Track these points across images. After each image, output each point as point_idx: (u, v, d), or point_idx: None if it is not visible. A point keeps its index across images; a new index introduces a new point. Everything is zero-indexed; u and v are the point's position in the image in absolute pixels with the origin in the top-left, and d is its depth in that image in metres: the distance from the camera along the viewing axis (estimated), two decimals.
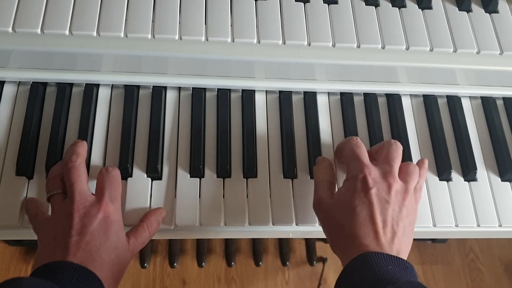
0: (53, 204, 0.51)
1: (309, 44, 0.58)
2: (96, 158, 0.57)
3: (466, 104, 0.67)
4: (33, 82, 0.60)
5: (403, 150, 0.59)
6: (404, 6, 0.63)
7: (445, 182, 0.61)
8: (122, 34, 0.55)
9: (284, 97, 0.63)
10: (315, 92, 0.64)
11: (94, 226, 0.47)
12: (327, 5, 0.61)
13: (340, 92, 0.65)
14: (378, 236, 0.47)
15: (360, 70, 0.61)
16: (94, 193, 0.51)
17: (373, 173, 0.50)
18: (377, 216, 0.48)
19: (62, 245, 0.46)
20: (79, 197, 0.49)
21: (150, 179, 0.57)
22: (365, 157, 0.53)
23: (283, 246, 1.24)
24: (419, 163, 0.56)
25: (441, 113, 0.65)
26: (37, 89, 0.59)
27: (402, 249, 0.48)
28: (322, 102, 0.64)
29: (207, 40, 0.56)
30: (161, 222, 0.54)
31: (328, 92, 0.65)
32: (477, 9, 0.64)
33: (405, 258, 0.47)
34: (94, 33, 0.55)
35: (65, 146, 0.57)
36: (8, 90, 0.60)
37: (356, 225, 0.48)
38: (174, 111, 0.61)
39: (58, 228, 0.48)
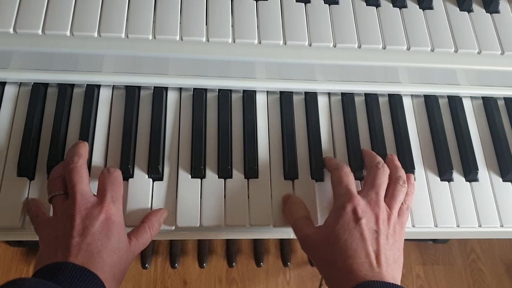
0: (55, 205, 0.51)
1: (310, 45, 0.58)
2: (98, 158, 0.57)
3: (467, 104, 0.67)
4: (34, 83, 0.60)
5: (404, 152, 0.59)
6: (405, 7, 0.63)
7: (447, 183, 0.61)
8: (123, 35, 0.55)
9: (285, 97, 0.63)
10: (316, 92, 0.64)
11: (96, 227, 0.47)
12: (328, 5, 0.61)
13: (341, 93, 0.65)
14: (373, 267, 0.47)
15: (361, 70, 0.61)
16: (95, 194, 0.51)
17: (361, 202, 0.51)
18: (369, 248, 0.48)
19: (64, 246, 0.46)
20: (80, 198, 0.49)
21: (151, 179, 0.57)
22: (353, 186, 0.53)
23: (284, 246, 1.24)
24: (406, 180, 0.56)
25: (442, 113, 0.65)
26: (38, 90, 0.60)
27: (396, 276, 0.49)
28: (323, 102, 0.64)
29: (208, 40, 0.56)
30: (162, 223, 0.54)
31: (329, 93, 0.65)
32: (478, 9, 0.64)
33: (399, 284, 0.47)
34: (95, 34, 0.55)
35: (66, 147, 0.57)
36: (10, 91, 0.60)
37: (349, 258, 0.47)
38: (175, 112, 0.61)
39: (59, 229, 0.48)
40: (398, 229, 0.52)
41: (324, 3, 0.61)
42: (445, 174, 0.61)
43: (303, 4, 0.60)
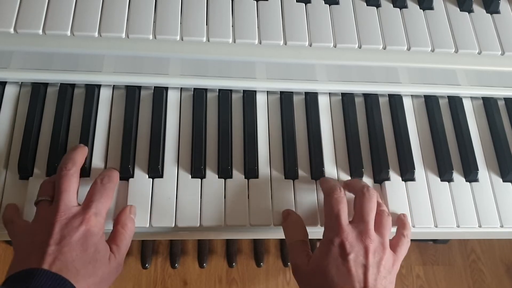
0: (38, 210, 0.50)
1: (310, 45, 0.58)
2: (98, 158, 0.57)
3: (467, 105, 0.67)
4: (34, 82, 0.60)
5: (404, 152, 0.59)
6: (406, 7, 0.63)
7: (447, 183, 0.61)
8: (123, 35, 0.55)
9: (285, 97, 0.63)
10: (316, 92, 0.64)
11: (74, 238, 0.47)
12: (328, 5, 0.61)
13: (341, 93, 0.65)
14: None
15: (361, 70, 0.61)
16: (80, 204, 0.51)
17: (350, 236, 0.49)
18: (355, 285, 0.47)
19: (39, 253, 0.45)
20: (64, 207, 0.48)
21: (151, 179, 0.57)
22: (344, 215, 0.51)
23: (284, 246, 1.24)
24: (401, 218, 0.56)
25: (443, 114, 0.65)
26: (39, 89, 0.60)
27: None
28: (323, 102, 0.64)
29: (208, 40, 0.56)
30: (135, 218, 0.53)
31: (329, 93, 0.65)
32: (478, 9, 0.64)
33: None
34: (96, 34, 0.55)
35: (67, 147, 0.57)
36: (10, 91, 0.60)
37: None
38: (176, 112, 0.61)
39: (37, 235, 0.47)
40: (391, 260, 0.50)
41: (325, 3, 0.61)
42: (445, 175, 0.61)
43: (304, 4, 0.60)
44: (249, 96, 0.62)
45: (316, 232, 0.57)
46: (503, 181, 0.62)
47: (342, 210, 0.51)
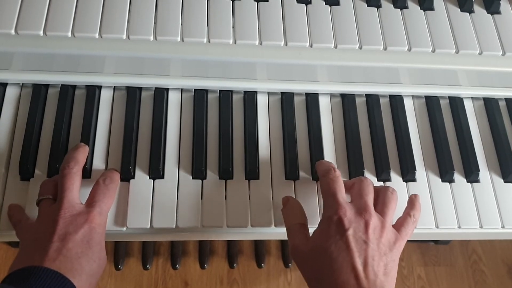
0: (41, 208, 0.50)
1: (311, 46, 0.58)
2: (99, 159, 0.57)
3: (468, 105, 0.66)
4: (35, 84, 0.60)
5: (405, 153, 0.59)
6: (406, 7, 0.63)
7: (448, 184, 0.61)
8: (124, 36, 0.55)
9: (286, 98, 0.63)
10: (317, 93, 0.64)
11: (78, 235, 0.47)
12: (329, 6, 0.61)
13: (342, 94, 0.65)
14: (360, 282, 0.45)
15: (362, 71, 0.61)
16: (82, 203, 0.51)
17: (348, 212, 0.49)
18: (356, 260, 0.46)
19: (42, 249, 0.45)
20: (67, 204, 0.49)
21: (152, 180, 0.57)
22: (341, 193, 0.51)
23: (286, 247, 1.24)
24: (412, 198, 0.55)
25: (443, 114, 0.65)
26: (40, 91, 0.60)
27: None
28: (324, 103, 0.64)
29: (209, 41, 0.56)
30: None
31: (330, 94, 0.65)
32: (479, 10, 0.64)
33: None
34: (96, 35, 0.55)
35: (68, 148, 0.57)
36: (11, 92, 0.60)
37: (335, 272, 0.46)
38: (176, 113, 0.61)
39: (40, 231, 0.47)
40: (392, 238, 0.49)
41: (325, 4, 0.61)
42: (446, 175, 0.61)
43: (304, 5, 0.60)
44: (250, 97, 0.62)
45: None
46: (504, 181, 0.62)
47: (339, 189, 0.51)
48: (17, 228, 0.51)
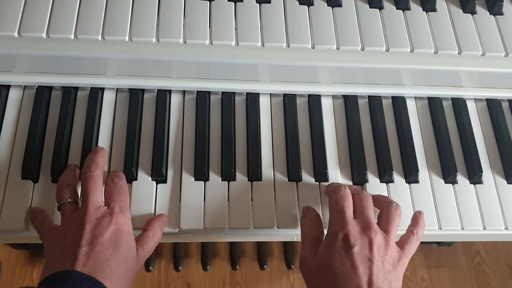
0: (64, 213, 0.51)
1: (313, 47, 0.58)
2: None
3: (471, 107, 0.66)
4: (38, 86, 0.60)
5: (408, 154, 0.59)
6: (408, 9, 0.63)
7: (451, 185, 0.60)
8: (127, 38, 0.55)
9: (289, 100, 0.63)
10: (320, 95, 0.64)
11: (105, 237, 0.47)
12: (331, 8, 0.61)
13: (345, 95, 0.65)
14: None
15: (365, 72, 0.61)
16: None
17: (354, 229, 0.49)
18: (361, 278, 0.46)
19: (72, 255, 0.46)
20: (92, 207, 0.49)
21: (155, 182, 0.57)
22: (349, 211, 0.51)
23: (288, 249, 1.24)
24: (416, 215, 0.55)
25: (446, 116, 0.65)
26: (43, 93, 0.60)
27: None
28: (326, 105, 0.64)
29: (211, 43, 0.57)
30: (164, 229, 0.54)
31: (332, 95, 0.65)
32: (481, 11, 0.64)
33: None
34: (99, 37, 0.55)
35: (70, 150, 0.57)
36: (14, 94, 0.60)
37: None
38: (179, 115, 0.61)
39: (68, 237, 0.48)
40: (396, 256, 0.49)
41: (327, 5, 0.61)
42: (449, 177, 0.60)
43: (306, 6, 0.60)
44: (252, 99, 0.62)
45: None
46: (508, 183, 0.62)
47: (347, 206, 0.52)
48: (41, 232, 0.51)
